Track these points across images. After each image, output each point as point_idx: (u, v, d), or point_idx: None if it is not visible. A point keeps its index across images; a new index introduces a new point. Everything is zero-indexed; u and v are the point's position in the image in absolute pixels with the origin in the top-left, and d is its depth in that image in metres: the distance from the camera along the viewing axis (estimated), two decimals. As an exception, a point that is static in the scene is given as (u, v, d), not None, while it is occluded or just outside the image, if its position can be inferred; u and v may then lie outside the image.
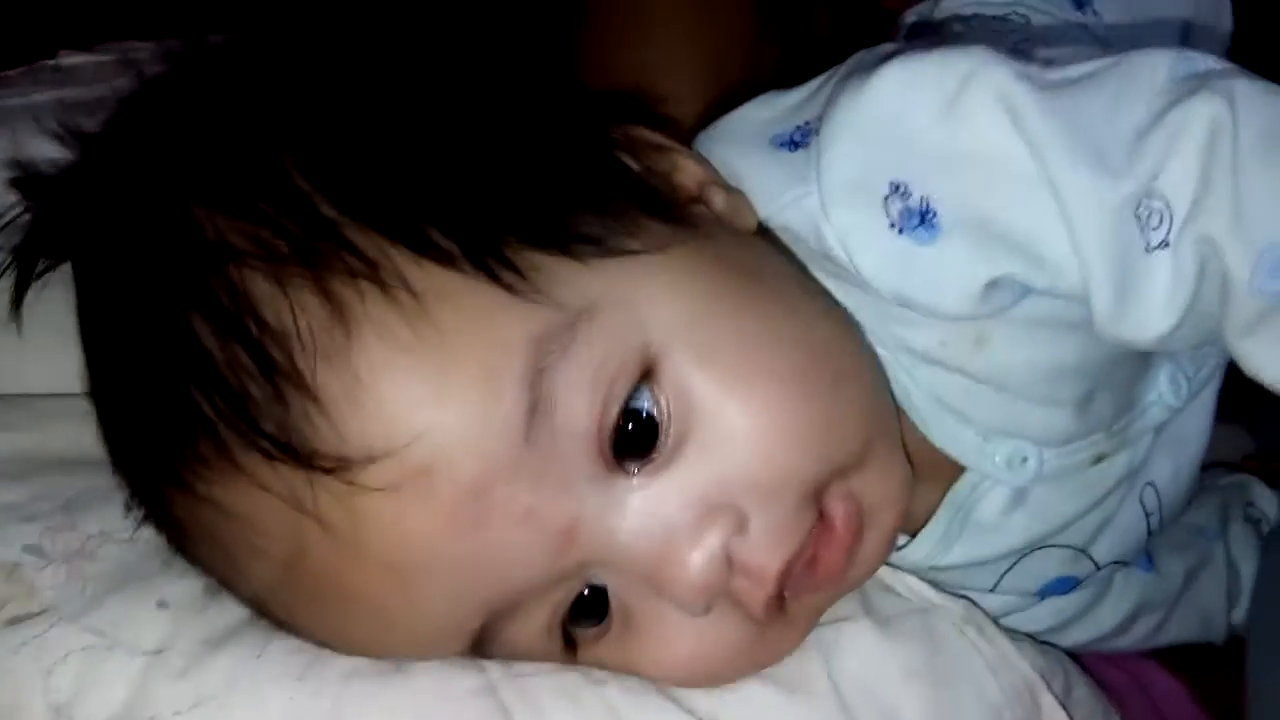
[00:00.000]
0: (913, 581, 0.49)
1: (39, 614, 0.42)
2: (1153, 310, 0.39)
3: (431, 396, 0.36)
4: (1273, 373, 0.38)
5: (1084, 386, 0.46)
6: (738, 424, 0.39)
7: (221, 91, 0.43)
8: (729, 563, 0.40)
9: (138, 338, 0.40)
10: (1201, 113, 0.37)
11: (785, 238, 0.45)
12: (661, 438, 0.39)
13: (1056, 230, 0.39)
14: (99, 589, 0.44)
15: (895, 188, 0.41)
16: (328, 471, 0.36)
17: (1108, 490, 0.50)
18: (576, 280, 0.39)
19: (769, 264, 0.45)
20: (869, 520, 0.42)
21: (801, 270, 0.46)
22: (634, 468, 0.39)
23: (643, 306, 0.39)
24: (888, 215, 0.41)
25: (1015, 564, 0.51)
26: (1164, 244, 0.38)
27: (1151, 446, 0.51)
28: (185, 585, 0.44)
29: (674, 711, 0.43)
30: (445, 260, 0.37)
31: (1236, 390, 0.53)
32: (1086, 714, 0.51)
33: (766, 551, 0.40)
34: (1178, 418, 0.51)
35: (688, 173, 0.46)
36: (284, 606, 0.41)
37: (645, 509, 0.39)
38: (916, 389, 0.46)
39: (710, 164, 0.47)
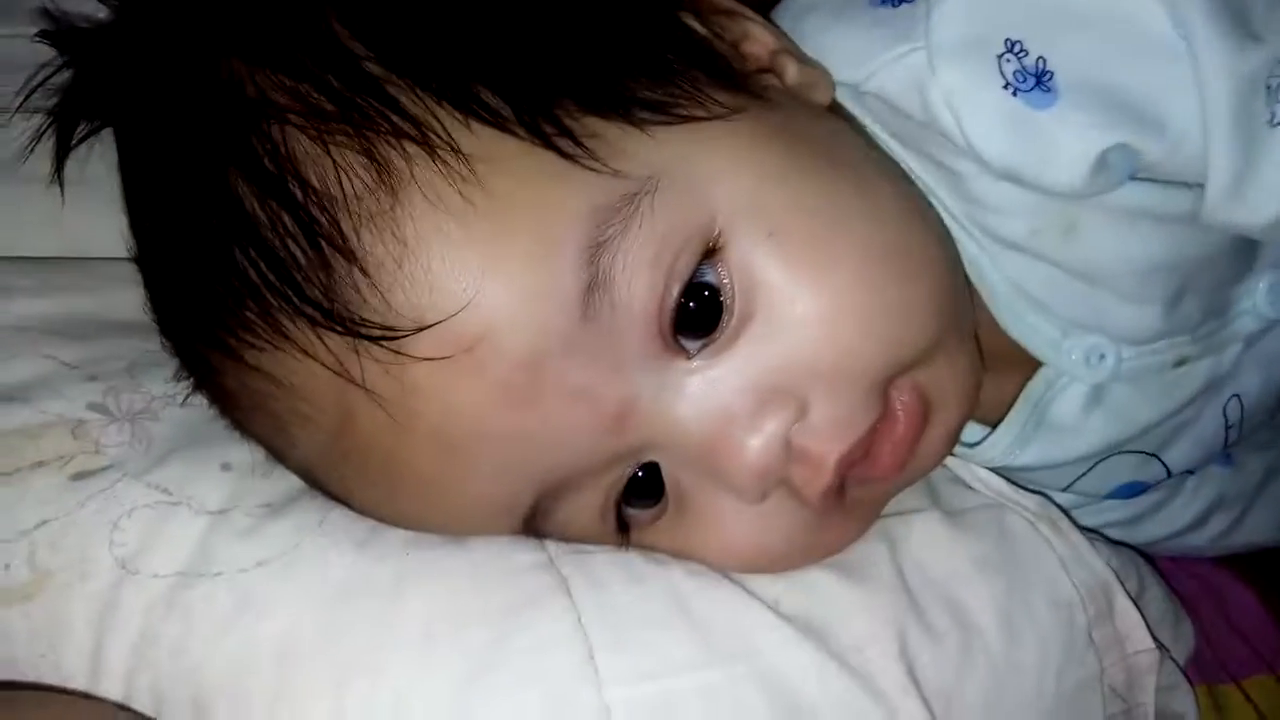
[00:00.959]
0: (985, 474, 0.48)
1: (105, 469, 0.42)
2: (1269, 191, 0.37)
3: (483, 264, 0.35)
4: None
5: (1174, 285, 0.44)
6: (805, 307, 0.38)
7: None
8: (788, 449, 0.38)
9: (179, 200, 0.39)
10: None
11: (875, 108, 0.43)
12: (725, 317, 0.38)
13: (1186, 95, 0.37)
14: (163, 448, 0.44)
15: (1011, 45, 0.39)
16: (375, 340, 0.35)
17: (1190, 397, 0.48)
18: (638, 148, 0.37)
19: (843, 140, 0.42)
20: (933, 415, 0.41)
21: (880, 151, 0.43)
22: (694, 348, 0.38)
23: (708, 178, 0.37)
24: (1001, 75, 0.39)
25: (1090, 469, 0.50)
26: None
27: (1240, 357, 0.48)
28: (249, 450, 0.44)
29: (738, 593, 0.42)
30: (496, 122, 0.36)
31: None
32: (1158, 616, 0.49)
33: (826, 440, 0.38)
34: (1273, 331, 0.48)
35: (759, 40, 0.43)
36: (334, 477, 0.41)
37: (703, 392, 0.38)
38: (999, 277, 0.44)
39: (784, 33, 0.44)
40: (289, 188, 0.35)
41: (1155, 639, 0.47)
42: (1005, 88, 0.39)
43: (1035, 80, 0.39)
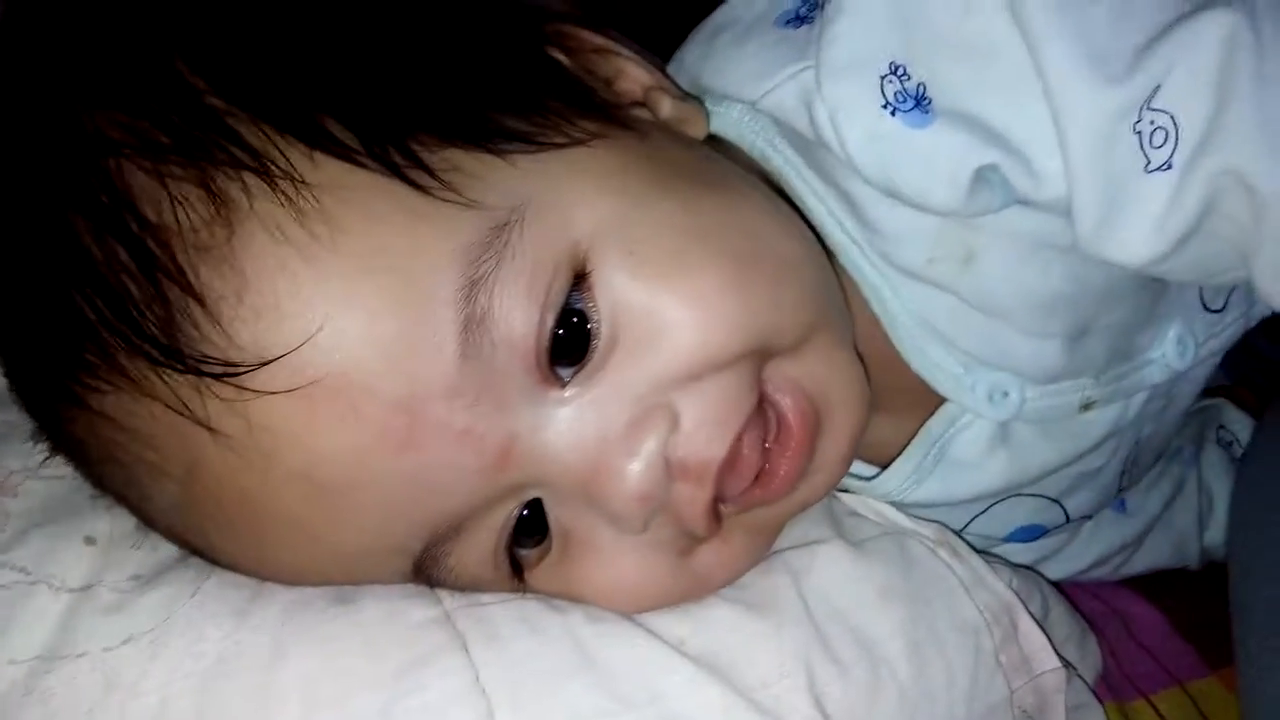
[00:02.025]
0: (880, 506, 0.48)
1: (-46, 550, 0.39)
2: (1139, 233, 0.38)
3: (336, 303, 0.34)
4: None
5: (1075, 321, 0.44)
6: (667, 318, 0.37)
7: None
8: (667, 469, 0.37)
9: (16, 240, 0.37)
10: (1216, 24, 0.36)
11: (781, 130, 0.44)
12: (594, 342, 0.37)
13: (1045, 133, 0.38)
14: (20, 525, 0.41)
15: (894, 68, 0.40)
16: (216, 376, 0.34)
17: (1095, 443, 0.48)
18: (501, 178, 0.36)
19: (711, 164, 0.43)
20: (824, 416, 0.40)
21: (759, 179, 0.44)
22: (567, 376, 0.37)
23: (572, 204, 0.37)
24: (882, 94, 0.40)
25: (987, 509, 0.50)
26: (1167, 165, 0.36)
27: (1144, 406, 0.48)
28: (115, 521, 0.41)
29: (640, 636, 0.41)
30: (343, 153, 0.35)
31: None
32: (1063, 635, 0.49)
33: (704, 442, 0.37)
34: (1174, 381, 0.49)
35: (631, 78, 0.44)
36: (194, 530, 0.39)
37: (579, 420, 0.37)
38: (900, 307, 0.44)
39: (659, 70, 0.45)
40: (124, 222, 0.34)
41: (1061, 658, 0.47)
42: (885, 107, 0.40)
43: (915, 102, 0.40)
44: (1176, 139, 0.36)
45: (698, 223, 0.39)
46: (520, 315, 0.35)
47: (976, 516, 0.50)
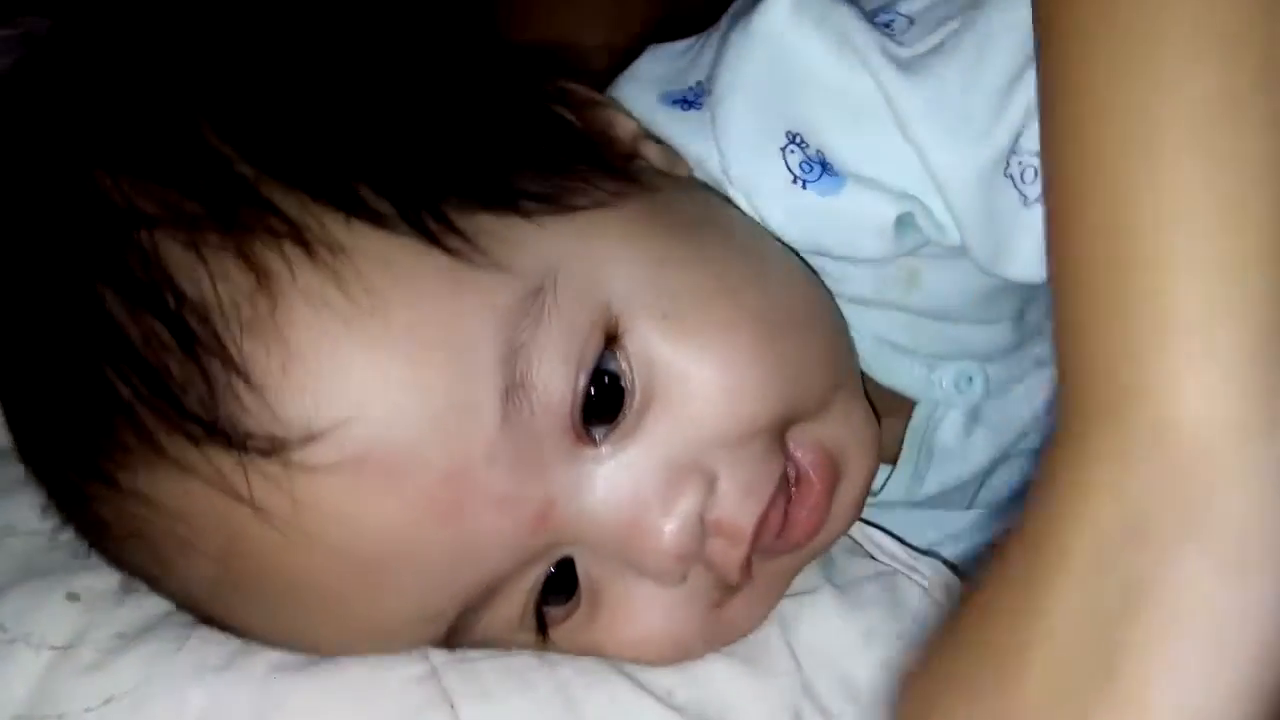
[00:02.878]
0: (881, 538, 0.47)
1: (-66, 610, 0.39)
2: (1032, 258, 0.39)
3: (376, 368, 0.33)
4: None
5: (1017, 300, 0.46)
6: (704, 382, 0.38)
7: (126, 47, 0.40)
8: (702, 528, 0.38)
9: (46, 318, 0.37)
10: None
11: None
12: (627, 401, 0.37)
13: (931, 193, 0.39)
14: (2, 582, 0.40)
15: (792, 138, 0.40)
16: (262, 453, 0.33)
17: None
18: (531, 243, 0.36)
19: (714, 212, 0.43)
20: (843, 468, 0.41)
21: (746, 216, 0.44)
22: (600, 436, 0.37)
23: (602, 266, 0.37)
24: (789, 169, 0.40)
25: (985, 482, 0.51)
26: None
27: None
28: (99, 578, 0.41)
29: (629, 689, 0.41)
30: (379, 220, 0.35)
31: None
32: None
33: (740, 507, 0.38)
34: None
35: (622, 127, 0.44)
36: (226, 605, 0.38)
37: (614, 480, 0.37)
38: (857, 333, 0.45)
39: (635, 119, 0.45)
40: (162, 298, 0.34)
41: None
42: (795, 182, 0.40)
43: (821, 169, 0.40)
44: None
45: (724, 282, 0.39)
46: (558, 379, 0.35)
47: (978, 491, 0.51)
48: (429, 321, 0.34)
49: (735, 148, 0.41)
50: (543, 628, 0.40)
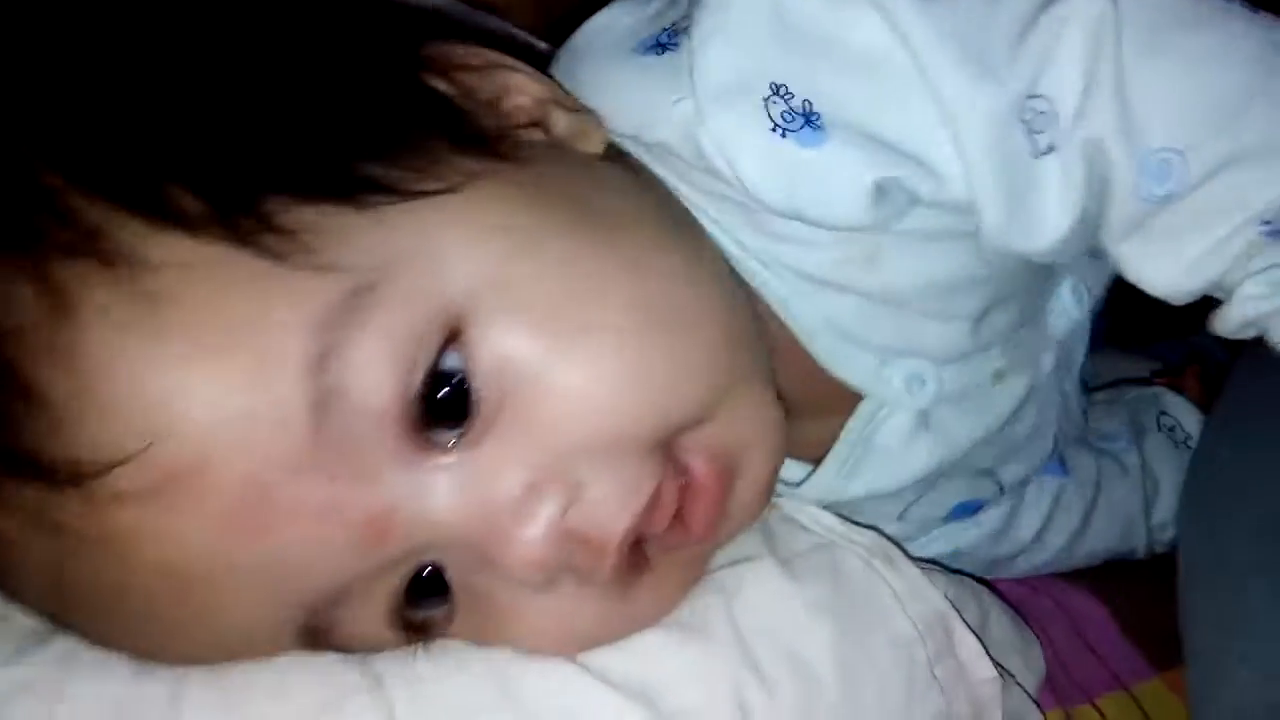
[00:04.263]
0: (816, 512, 0.47)
1: None
2: (1045, 218, 0.38)
3: (178, 389, 0.32)
4: (1152, 277, 0.39)
5: (980, 299, 0.44)
6: (561, 382, 0.35)
7: None
8: (565, 534, 0.36)
9: None
10: (1083, 7, 0.36)
11: (658, 155, 0.42)
12: (473, 404, 0.35)
13: (940, 138, 0.38)
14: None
15: (776, 89, 0.38)
16: (65, 482, 0.32)
17: (1014, 407, 0.48)
18: (362, 236, 0.34)
19: (608, 193, 0.40)
20: (738, 468, 0.39)
21: (661, 197, 0.42)
22: (449, 440, 0.35)
23: (445, 257, 0.34)
24: (770, 117, 0.38)
25: (921, 496, 0.49)
26: (1051, 148, 0.37)
27: (1056, 359, 0.49)
28: None
29: (565, 666, 0.40)
30: (188, 225, 0.32)
31: (1132, 322, 0.53)
32: (1004, 645, 0.49)
33: (606, 519, 0.36)
34: (1080, 329, 0.50)
35: (523, 91, 0.41)
36: (73, 621, 0.37)
37: (465, 485, 0.35)
38: (809, 313, 0.43)
39: (553, 82, 0.43)
40: None
41: (1000, 666, 0.46)
42: (774, 130, 0.38)
43: (804, 120, 0.38)
44: (1056, 121, 0.37)
45: (588, 271, 0.36)
46: (380, 383, 0.33)
47: (912, 504, 0.49)
48: (228, 332, 0.32)
49: (712, 92, 0.38)
50: (417, 630, 0.38)
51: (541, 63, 0.45)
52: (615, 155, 0.42)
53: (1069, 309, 0.48)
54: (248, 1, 0.38)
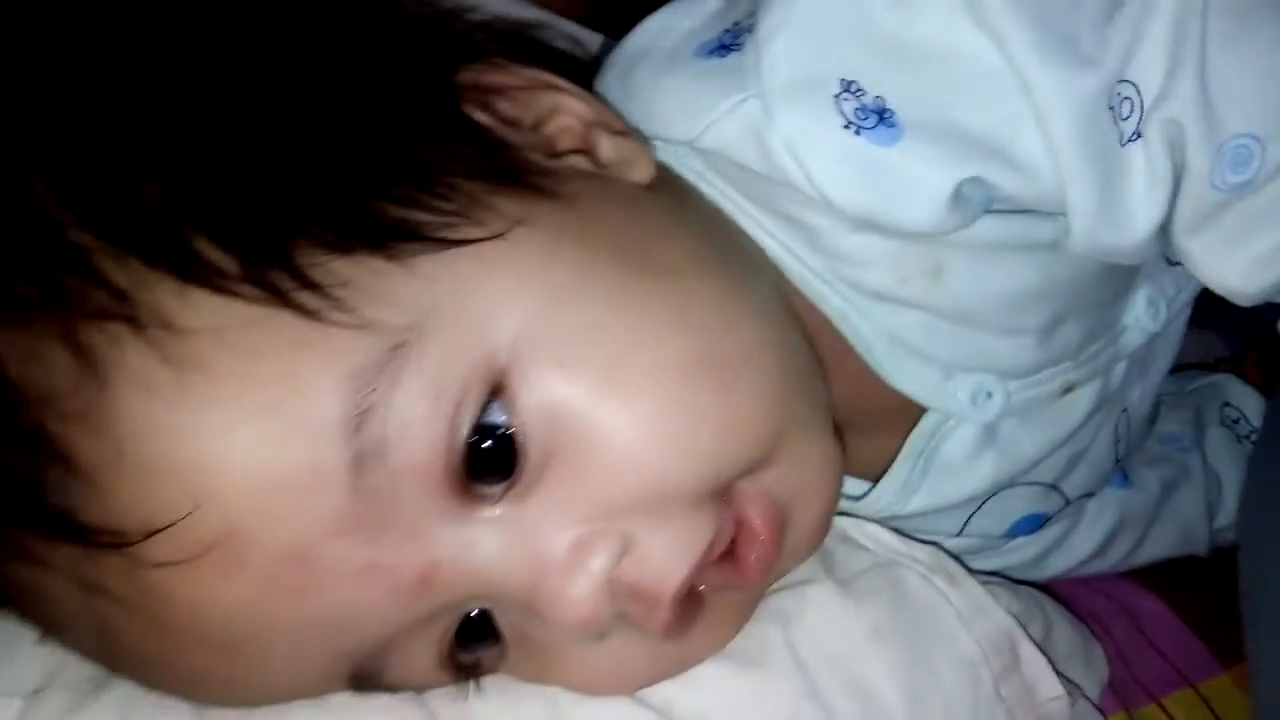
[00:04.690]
0: (874, 530, 0.46)
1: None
2: (1135, 209, 0.37)
3: (212, 456, 0.31)
4: (1219, 273, 0.37)
5: (1048, 313, 0.43)
6: (609, 434, 0.34)
7: None
8: (615, 588, 0.35)
9: None
10: None
11: (713, 165, 0.40)
12: (520, 458, 0.34)
13: (1028, 129, 0.36)
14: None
15: (847, 85, 0.36)
16: (105, 546, 0.31)
17: (1079, 422, 0.46)
18: (398, 290, 0.32)
19: (654, 231, 0.38)
20: (792, 512, 0.38)
21: (710, 225, 0.40)
22: (496, 493, 0.34)
23: (486, 309, 0.33)
24: (842, 115, 0.36)
25: (981, 506, 0.48)
26: (1136, 135, 0.36)
27: (1126, 373, 0.47)
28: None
29: (624, 704, 0.39)
30: (217, 284, 0.31)
31: (1208, 296, 0.50)
32: (1067, 651, 0.48)
33: (659, 572, 0.35)
34: (1153, 342, 0.47)
35: (571, 112, 0.39)
36: (122, 672, 0.37)
37: (512, 540, 0.34)
38: (870, 329, 0.42)
39: (599, 101, 0.41)
40: None
41: (1065, 678, 0.45)
42: (847, 127, 0.36)
43: (878, 117, 0.36)
44: (1140, 107, 0.36)
45: (635, 322, 0.35)
46: (421, 440, 0.32)
47: (972, 516, 0.48)
48: (264, 396, 0.31)
49: (780, 88, 0.36)
50: (469, 671, 0.38)
51: (582, 67, 0.43)
52: (662, 181, 0.40)
53: (1143, 321, 0.46)
54: (272, 38, 0.37)
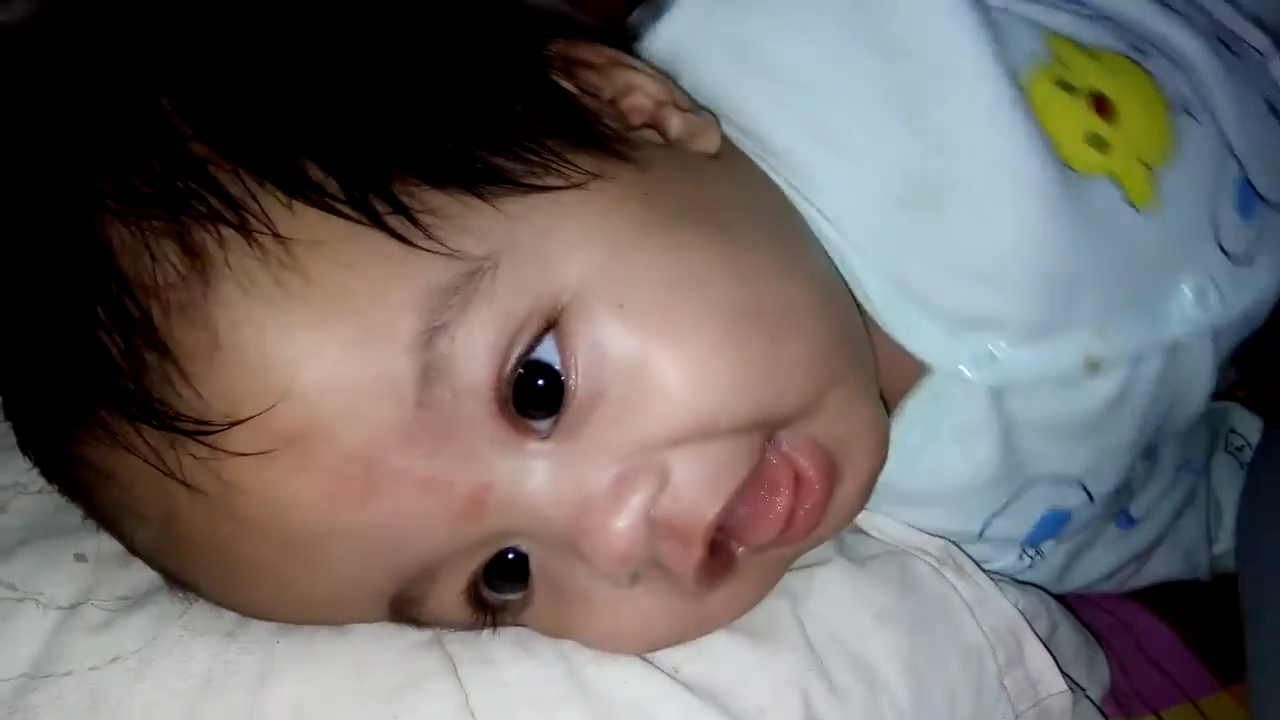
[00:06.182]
0: (882, 521, 0.46)
1: (-59, 567, 0.39)
2: None
3: (301, 353, 0.33)
4: None
5: (1059, 266, 0.41)
6: (657, 376, 0.36)
7: (100, 26, 0.39)
8: (656, 525, 0.36)
9: (7, 292, 0.37)
10: None
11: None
12: (569, 394, 0.35)
13: None
14: (10, 540, 0.41)
15: None
16: (188, 434, 0.33)
17: (1100, 409, 0.45)
18: (483, 223, 0.35)
19: (717, 195, 0.40)
20: (843, 463, 0.39)
21: (770, 194, 0.42)
22: (545, 427, 0.36)
23: (557, 251, 0.35)
24: None
25: (1005, 507, 0.47)
26: None
27: (1163, 371, 0.45)
28: (106, 539, 0.41)
29: (635, 662, 0.40)
30: (320, 201, 0.34)
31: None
32: (1071, 654, 0.48)
33: (694, 502, 0.36)
34: (1193, 348, 0.46)
35: (643, 91, 0.41)
36: (175, 568, 0.39)
37: (559, 473, 0.36)
38: (873, 271, 0.42)
39: (669, 81, 0.42)
40: (104, 279, 0.34)
41: (1069, 678, 0.46)
42: None
43: None
44: None
45: (693, 272, 0.37)
46: (483, 364, 0.34)
47: (995, 516, 0.47)
48: (349, 304, 0.33)
49: None
50: (491, 611, 0.39)
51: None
52: (728, 152, 0.42)
53: (1189, 311, 0.45)
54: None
